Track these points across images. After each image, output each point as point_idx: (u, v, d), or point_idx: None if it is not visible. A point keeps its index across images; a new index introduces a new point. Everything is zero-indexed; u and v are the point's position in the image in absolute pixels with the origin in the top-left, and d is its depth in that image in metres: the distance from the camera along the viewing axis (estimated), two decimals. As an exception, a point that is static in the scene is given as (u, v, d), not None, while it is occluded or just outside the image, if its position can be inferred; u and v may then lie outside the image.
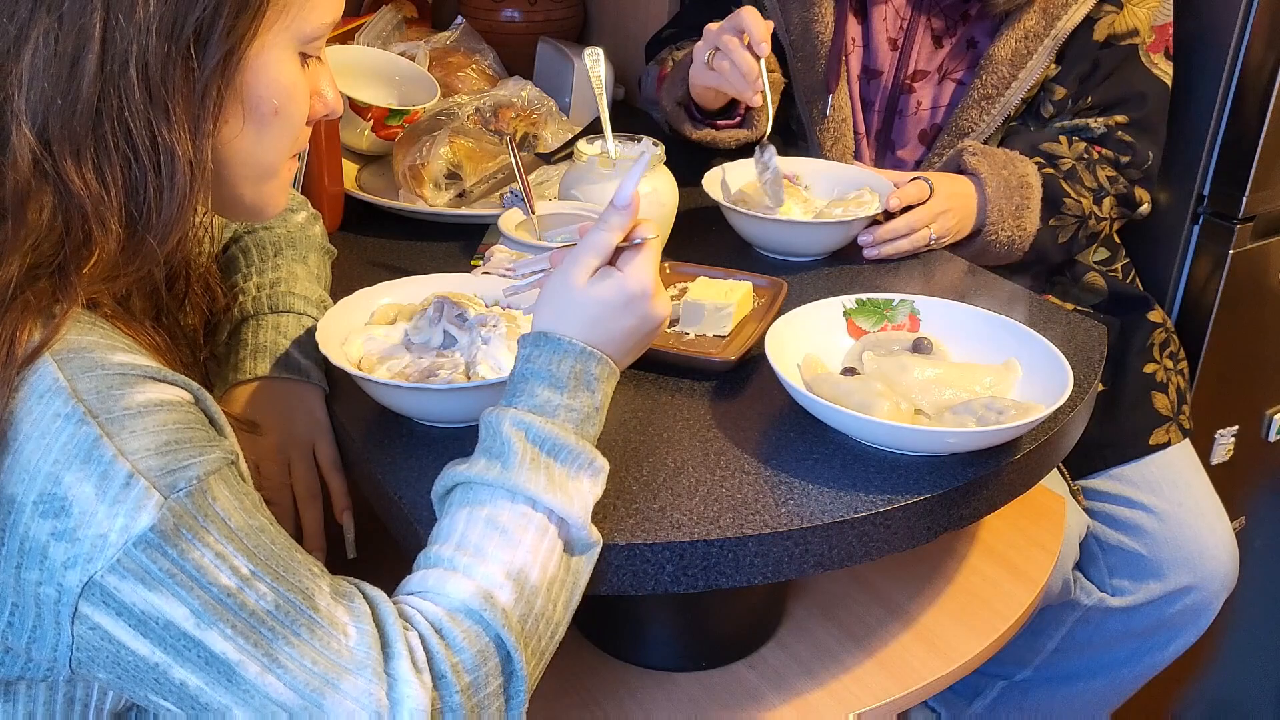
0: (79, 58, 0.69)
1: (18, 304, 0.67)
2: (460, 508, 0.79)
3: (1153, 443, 1.51)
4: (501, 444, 0.80)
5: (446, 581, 0.75)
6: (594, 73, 1.29)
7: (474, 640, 0.73)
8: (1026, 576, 1.17)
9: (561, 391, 0.83)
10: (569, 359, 0.84)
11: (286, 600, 0.69)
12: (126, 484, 0.65)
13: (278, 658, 0.68)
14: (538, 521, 0.78)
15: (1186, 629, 1.51)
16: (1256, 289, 1.65)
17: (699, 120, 1.53)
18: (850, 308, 1.13)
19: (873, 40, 1.52)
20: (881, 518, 0.91)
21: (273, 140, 0.81)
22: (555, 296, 0.86)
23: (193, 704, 0.68)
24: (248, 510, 0.71)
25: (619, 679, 1.07)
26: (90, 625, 0.66)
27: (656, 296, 0.87)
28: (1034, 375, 1.04)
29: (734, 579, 0.88)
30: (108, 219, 0.71)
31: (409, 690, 0.69)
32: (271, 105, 0.79)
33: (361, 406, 1.03)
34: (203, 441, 0.70)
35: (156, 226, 0.74)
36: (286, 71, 0.79)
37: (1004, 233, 1.39)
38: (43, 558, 0.65)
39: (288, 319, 1.07)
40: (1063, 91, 1.48)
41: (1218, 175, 1.58)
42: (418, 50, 1.78)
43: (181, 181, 0.73)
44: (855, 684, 1.05)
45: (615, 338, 0.86)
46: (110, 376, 0.68)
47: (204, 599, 0.67)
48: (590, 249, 0.87)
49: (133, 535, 0.65)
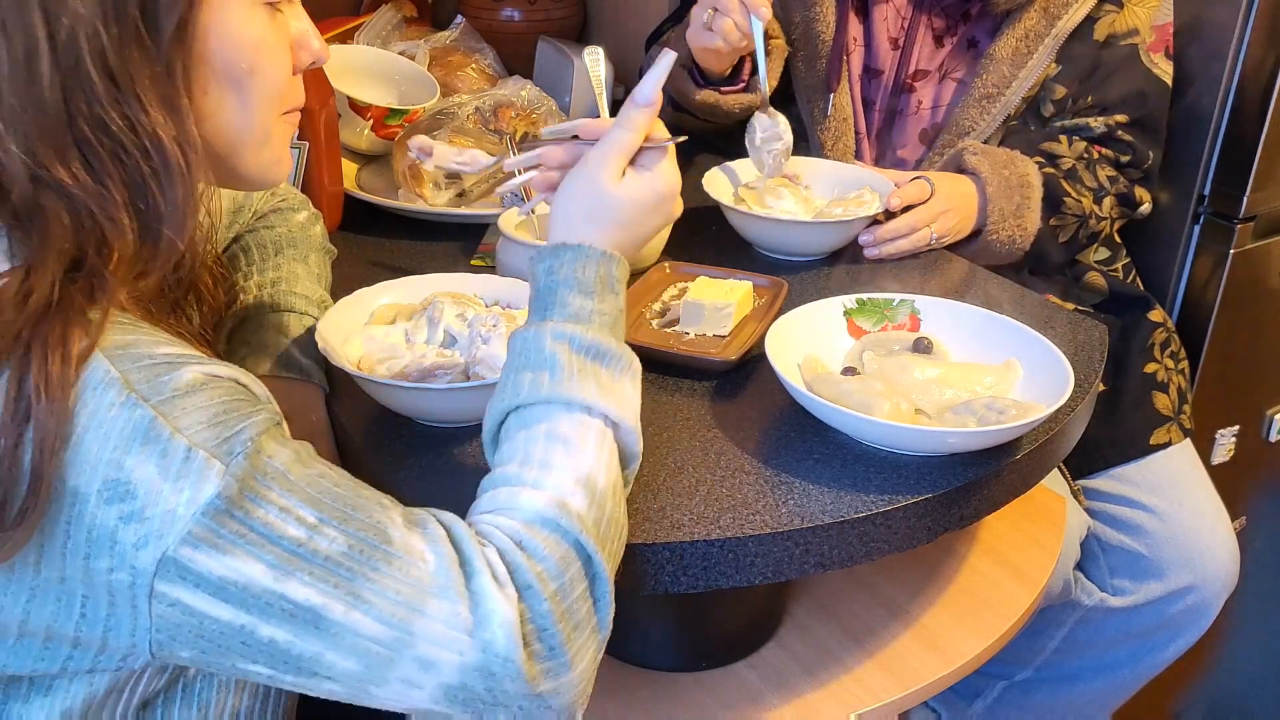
0: (31, 61, 0.68)
1: (63, 306, 0.67)
2: (518, 430, 0.79)
3: (1153, 443, 1.51)
4: (544, 358, 0.79)
5: (518, 496, 0.75)
6: (594, 72, 1.29)
7: (555, 547, 0.73)
8: (1027, 576, 1.17)
9: (591, 297, 0.82)
10: (593, 264, 0.83)
11: (358, 539, 0.69)
12: (187, 458, 0.66)
13: (360, 594, 0.68)
14: (596, 427, 0.79)
15: (1187, 629, 1.50)
16: (1256, 289, 1.65)
17: (701, 83, 1.51)
18: (850, 308, 1.13)
19: (874, 39, 1.52)
20: (882, 518, 0.91)
21: (257, 101, 0.79)
22: (583, 196, 0.85)
23: (284, 659, 0.69)
24: (304, 461, 0.71)
25: (619, 679, 1.07)
26: (169, 602, 0.67)
27: (678, 197, 0.89)
28: (1034, 375, 1.04)
29: (734, 579, 0.88)
30: (115, 214, 0.71)
31: (494, 605, 0.70)
32: (243, 66, 0.77)
33: (361, 406, 1.03)
34: (249, 408, 0.70)
35: (168, 214, 0.73)
36: (252, 28, 0.77)
37: (1004, 232, 1.39)
38: (112, 543, 0.66)
39: (289, 318, 1.07)
40: (1063, 91, 1.48)
41: (1218, 175, 1.58)
42: (418, 50, 1.78)
43: (176, 163, 0.72)
44: (855, 684, 1.05)
45: (641, 236, 0.87)
46: (157, 365, 0.68)
47: (277, 553, 0.67)
48: (617, 148, 0.85)
49: (200, 505, 0.66)
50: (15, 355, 0.65)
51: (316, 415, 1.04)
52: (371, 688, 0.70)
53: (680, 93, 1.52)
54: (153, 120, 0.71)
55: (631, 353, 0.83)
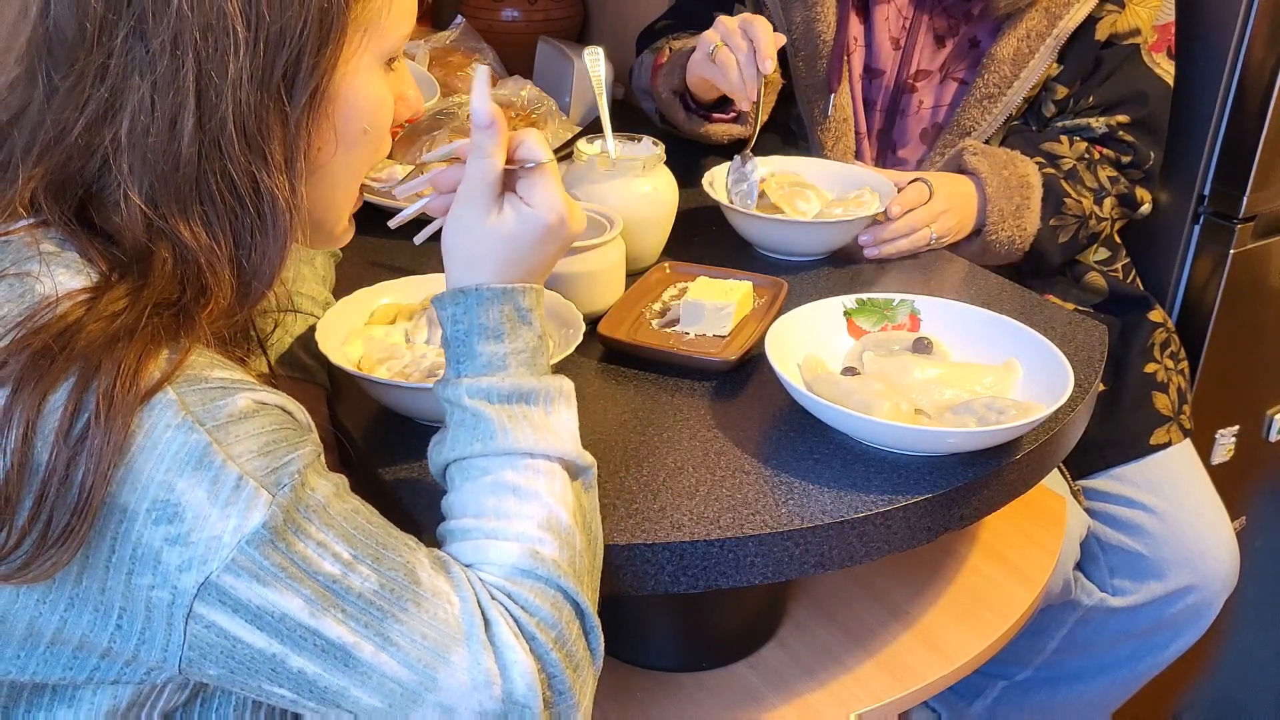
0: (176, 119, 0.70)
1: (144, 335, 0.68)
2: (463, 482, 0.79)
3: (1153, 443, 1.51)
4: (471, 416, 0.79)
5: (487, 551, 0.75)
6: (594, 72, 1.29)
7: (542, 596, 0.74)
8: (1027, 576, 1.17)
9: (501, 340, 0.80)
10: (495, 305, 0.80)
11: (389, 579, 0.70)
12: (237, 486, 0.67)
13: (390, 636, 0.69)
14: (541, 468, 0.78)
15: (1187, 629, 1.50)
16: (1256, 289, 1.65)
17: (692, 111, 1.53)
18: (850, 308, 1.13)
19: (875, 39, 1.52)
20: (881, 518, 0.91)
21: (359, 158, 0.80)
22: (462, 243, 0.82)
23: (310, 689, 0.70)
24: (341, 496, 0.72)
25: (619, 679, 1.07)
26: (205, 624, 0.67)
27: (572, 217, 0.83)
28: (1034, 375, 1.04)
29: (734, 579, 0.88)
30: (220, 269, 0.73)
31: (515, 656, 0.70)
32: (361, 126, 0.78)
33: (361, 406, 1.03)
34: (295, 439, 0.71)
35: (262, 270, 0.75)
36: (374, 90, 0.78)
37: (1004, 232, 1.39)
38: (156, 563, 0.66)
39: (294, 318, 1.07)
40: (1064, 91, 1.48)
41: (1218, 175, 1.58)
42: (418, 50, 1.78)
43: (282, 223, 0.74)
44: (855, 684, 1.05)
45: (538, 266, 0.83)
46: (213, 390, 0.69)
47: (314, 588, 0.68)
48: (480, 184, 0.81)
49: (245, 534, 0.66)
50: (82, 368, 0.65)
51: (319, 415, 1.04)
52: None
53: (669, 121, 1.56)
54: (274, 182, 0.73)
55: (559, 377, 0.81)
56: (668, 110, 1.55)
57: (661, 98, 1.55)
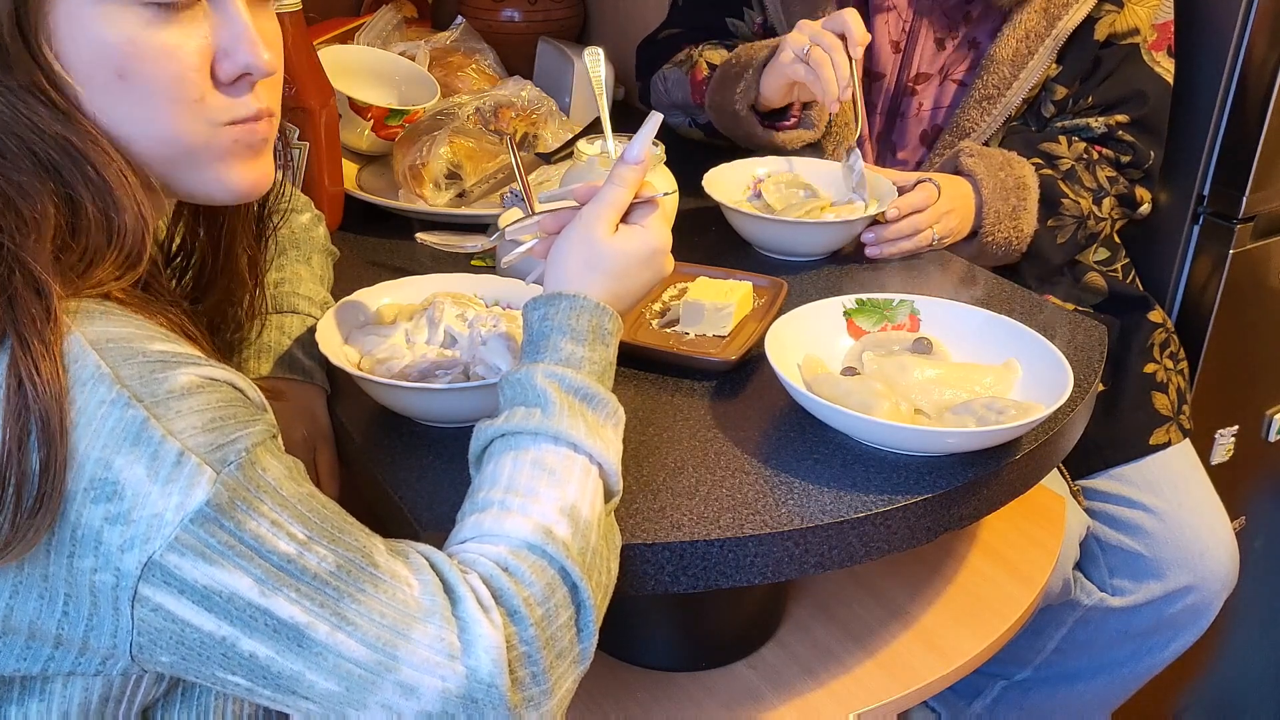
0: None
1: (9, 292, 0.65)
2: (504, 454, 0.79)
3: (1153, 443, 1.51)
4: (537, 394, 0.80)
5: (504, 521, 0.75)
6: (594, 73, 1.29)
7: (541, 573, 0.73)
8: (1026, 576, 1.17)
9: (582, 344, 0.84)
10: (586, 314, 0.85)
11: (346, 559, 0.69)
12: (178, 462, 0.65)
13: (346, 615, 0.68)
14: (581, 463, 0.79)
15: (1186, 629, 1.51)
16: (1256, 289, 1.65)
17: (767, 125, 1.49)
18: (850, 308, 1.13)
19: (875, 43, 1.52)
20: (881, 518, 0.91)
21: (146, 109, 0.72)
22: (578, 248, 0.87)
23: (264, 674, 0.68)
24: (295, 479, 0.71)
25: (619, 679, 1.07)
26: (151, 607, 0.66)
27: (669, 254, 0.91)
28: (1034, 375, 1.04)
29: (734, 579, 0.88)
30: (37, 201, 0.69)
31: (480, 630, 0.69)
32: (109, 70, 0.71)
33: (361, 406, 1.03)
34: (245, 417, 0.70)
35: (106, 198, 0.71)
36: (111, 30, 0.70)
37: (1000, 234, 1.39)
38: (97, 543, 0.65)
39: (291, 319, 1.07)
40: (1064, 91, 1.48)
41: (1218, 175, 1.58)
42: (418, 50, 1.78)
43: (81, 154, 0.70)
44: (855, 684, 1.05)
45: (633, 290, 0.89)
46: (151, 363, 0.67)
47: (265, 567, 0.67)
48: (610, 204, 0.88)
49: (189, 511, 0.65)
50: None
51: (319, 419, 1.04)
52: (350, 711, 0.69)
53: (732, 131, 1.51)
54: (44, 119, 0.69)
55: (618, 403, 0.84)
56: (733, 123, 1.50)
57: (729, 111, 1.48)
